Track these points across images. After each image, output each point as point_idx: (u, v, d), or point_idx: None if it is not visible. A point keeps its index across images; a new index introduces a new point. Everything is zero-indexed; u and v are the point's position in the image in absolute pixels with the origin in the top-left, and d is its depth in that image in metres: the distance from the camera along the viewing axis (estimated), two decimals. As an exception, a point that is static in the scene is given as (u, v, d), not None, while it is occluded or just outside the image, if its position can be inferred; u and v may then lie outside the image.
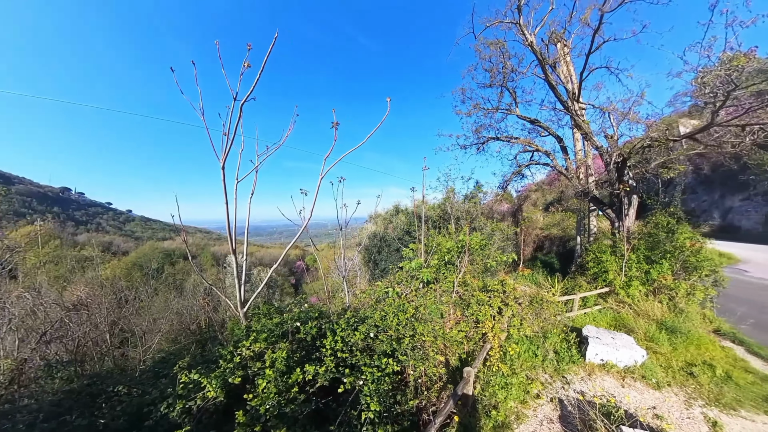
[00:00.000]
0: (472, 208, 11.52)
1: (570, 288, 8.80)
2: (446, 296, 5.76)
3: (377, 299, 5.42)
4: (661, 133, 8.30)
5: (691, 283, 7.71)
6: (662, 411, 4.59)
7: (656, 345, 6.23)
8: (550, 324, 6.24)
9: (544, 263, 14.53)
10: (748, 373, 5.52)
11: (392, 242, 11.01)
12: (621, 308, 7.63)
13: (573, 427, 4.17)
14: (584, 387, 5.10)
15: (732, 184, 20.46)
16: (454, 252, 6.60)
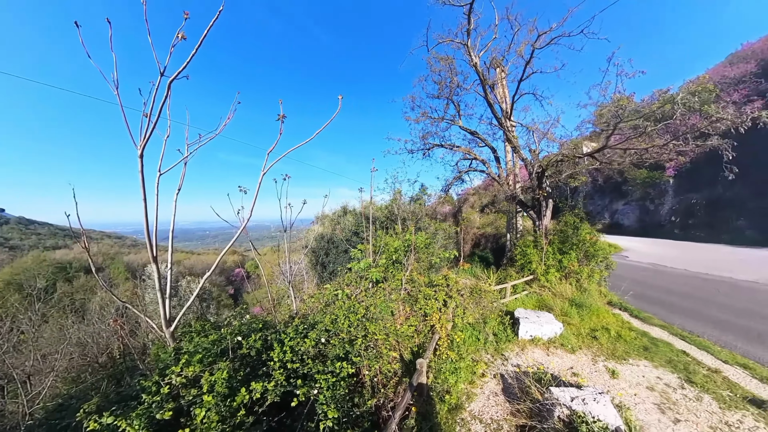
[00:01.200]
0: (417, 209, 12.01)
1: (503, 278, 9.81)
2: (395, 294, 5.84)
3: (327, 303, 5.21)
4: (570, 151, 10.07)
5: (590, 267, 9.33)
6: (577, 369, 5.46)
7: (569, 318, 7.34)
8: (488, 310, 6.81)
9: (481, 258, 15.96)
10: (632, 331, 6.94)
11: (340, 243, 10.71)
12: (542, 291, 8.78)
13: (514, 396, 4.64)
14: (519, 360, 5.74)
15: (617, 193, 26.75)
16: (401, 251, 6.75)
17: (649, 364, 5.69)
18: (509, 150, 13.52)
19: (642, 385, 5.05)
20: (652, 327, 7.30)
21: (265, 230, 13.53)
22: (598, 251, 9.63)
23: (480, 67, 11.78)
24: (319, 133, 3.70)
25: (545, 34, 10.33)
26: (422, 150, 14.22)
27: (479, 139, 13.66)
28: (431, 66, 12.69)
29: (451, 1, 11.02)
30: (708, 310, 8.18)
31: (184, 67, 2.89)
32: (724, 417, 4.26)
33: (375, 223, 10.47)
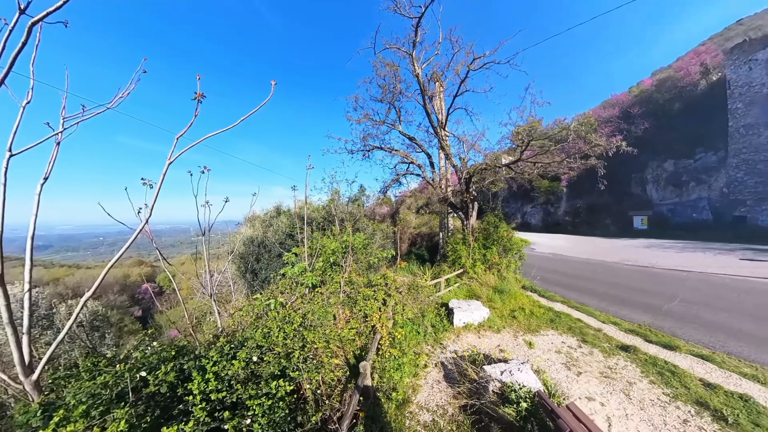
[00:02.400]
0: (356, 210, 11.86)
1: (437, 273, 10.43)
2: (334, 297, 5.59)
3: (258, 315, 4.65)
4: (492, 162, 11.64)
5: (508, 259, 10.68)
6: (503, 345, 6.15)
7: (494, 303, 8.18)
8: (426, 304, 7.10)
9: (417, 256, 16.73)
10: (541, 308, 8.09)
11: (273, 247, 9.79)
12: (471, 283, 9.61)
13: (454, 380, 4.91)
14: (456, 347, 6.13)
15: (527, 198, 32.75)
16: (339, 253, 6.53)
17: (555, 332, 6.76)
18: (443, 157, 14.58)
19: (552, 350, 5.97)
20: (555, 303, 8.67)
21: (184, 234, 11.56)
22: (514, 245, 11.12)
23: (422, 78, 12.47)
24: (248, 122, 3.25)
25: (479, 58, 11.60)
26: (362, 151, 14.23)
27: (417, 144, 14.34)
28: (377, 69, 12.83)
29: (401, 11, 11.41)
30: (591, 286, 10.25)
31: (61, 5, 2.11)
32: (607, 362, 5.48)
33: (311, 224, 9.95)
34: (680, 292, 9.22)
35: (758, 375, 4.95)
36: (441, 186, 13.66)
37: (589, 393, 4.65)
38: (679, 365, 5.33)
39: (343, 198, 11.70)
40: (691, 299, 8.64)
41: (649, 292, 9.32)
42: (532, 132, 9.71)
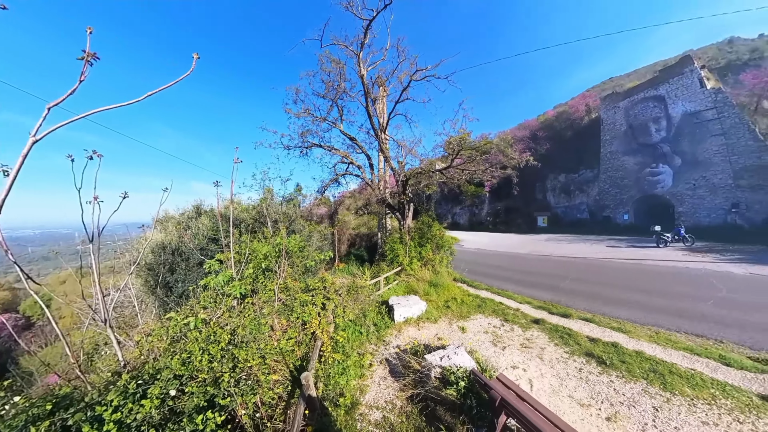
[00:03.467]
0: (291, 210, 11.10)
1: (377, 272, 10.53)
2: (268, 307, 5.12)
3: (174, 338, 3.91)
4: (427, 167, 12.35)
5: (441, 255, 11.49)
6: (441, 334, 6.55)
7: (430, 296, 8.65)
8: (366, 304, 7.07)
9: (357, 256, 16.64)
10: (470, 297, 8.89)
11: (192, 254, 8.34)
12: (409, 279, 9.99)
13: (399, 374, 4.99)
14: (399, 341, 6.25)
15: (456, 200, 36.58)
16: (272, 257, 6.02)
17: (483, 316, 7.53)
18: (382, 159, 14.82)
19: (481, 331, 6.64)
20: (481, 291, 9.67)
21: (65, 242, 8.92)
22: (445, 243, 12.06)
23: (366, 80, 12.44)
24: (164, 102, 2.65)
25: (422, 71, 12.26)
26: (300, 147, 13.41)
27: (357, 145, 14.21)
28: (322, 64, 12.24)
29: (354, 11, 11.14)
30: (508, 274, 11.81)
31: None
32: (525, 335, 6.44)
33: (239, 226, 8.91)
34: (570, 273, 11.38)
35: (621, 327, 6.58)
36: (380, 187, 13.88)
37: (514, 362, 5.36)
38: (572, 328, 6.60)
39: (277, 197, 10.82)
40: (578, 278, 10.77)
41: (550, 275, 11.26)
42: (463, 143, 10.83)
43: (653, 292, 8.90)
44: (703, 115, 17.12)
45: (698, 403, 4.15)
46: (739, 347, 5.58)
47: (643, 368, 4.99)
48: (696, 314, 7.12)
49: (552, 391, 4.60)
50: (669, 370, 4.88)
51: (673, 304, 7.81)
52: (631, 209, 21.47)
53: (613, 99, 22.54)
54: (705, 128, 17.07)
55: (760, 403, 4.04)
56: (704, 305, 7.61)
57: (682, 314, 7.18)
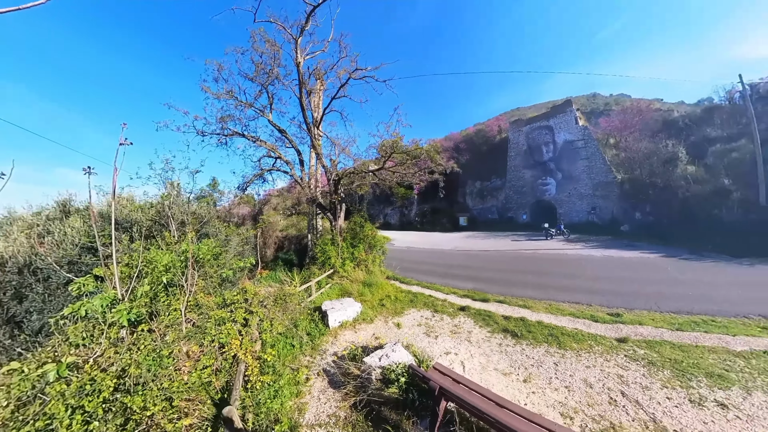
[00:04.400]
0: (203, 209, 9.35)
1: (307, 277, 9.84)
2: (173, 333, 4.16)
3: (22, 400, 2.71)
4: (360, 167, 12.09)
5: (373, 254, 11.52)
6: (378, 333, 6.47)
7: (364, 297, 8.52)
8: (297, 313, 6.47)
9: (285, 261, 15.32)
10: (403, 293, 9.11)
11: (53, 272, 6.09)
12: (342, 281, 9.65)
13: (340, 383, 4.66)
14: (335, 348, 5.88)
15: (388, 201, 38.01)
16: (177, 268, 4.96)
17: (415, 310, 7.78)
18: (314, 156, 13.87)
19: (415, 325, 6.85)
20: (412, 286, 10.03)
21: None
22: (377, 242, 12.14)
23: (302, 69, 11.39)
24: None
25: (361, 70, 11.88)
26: (218, 135, 11.51)
27: (287, 139, 12.95)
28: (254, 42, 10.65)
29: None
30: (435, 268, 12.65)
31: None
32: (453, 322, 6.93)
33: (131, 229, 7.05)
34: (487, 264, 12.92)
35: (526, 304, 7.81)
36: (310, 186, 13.05)
37: (446, 349, 5.72)
38: (491, 311, 7.46)
39: (184, 193, 8.95)
40: (492, 267, 12.30)
41: (471, 267, 12.54)
42: (396, 146, 11.04)
43: (546, 273, 10.92)
44: (576, 144, 23.07)
45: (582, 353, 5.41)
46: (601, 308, 7.47)
47: (543, 334, 6.14)
48: (574, 287, 9.07)
49: (481, 367, 5.12)
50: (561, 333, 6.12)
51: (559, 282, 9.75)
52: (528, 211, 26.58)
53: (518, 124, 27.86)
54: (576, 153, 22.93)
55: (617, 345, 5.63)
56: (578, 280, 9.81)
57: (565, 289, 9.00)
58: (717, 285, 8.71)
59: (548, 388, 4.54)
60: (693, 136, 19.15)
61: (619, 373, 4.84)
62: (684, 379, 4.66)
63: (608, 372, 4.87)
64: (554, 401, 4.28)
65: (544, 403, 4.25)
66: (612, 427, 3.82)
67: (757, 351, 5.31)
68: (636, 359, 5.18)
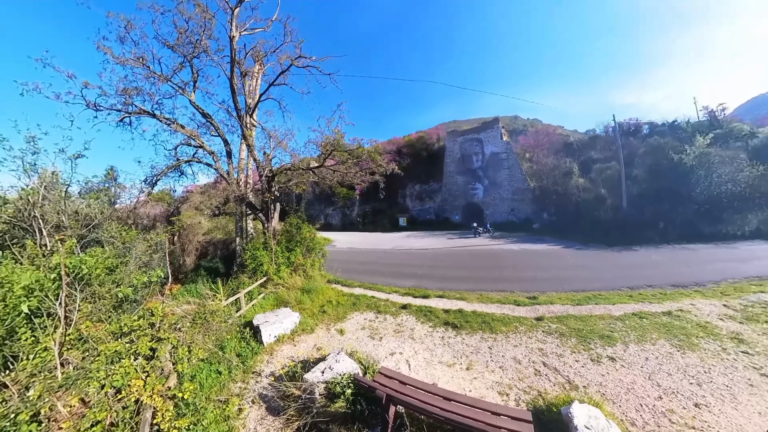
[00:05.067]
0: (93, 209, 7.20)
1: (235, 287, 8.69)
2: (40, 384, 3.09)
3: None
4: (298, 163, 11.21)
5: (312, 258, 10.86)
6: (320, 343, 6.08)
7: (303, 304, 7.93)
8: (223, 332, 5.60)
9: (209, 270, 13.30)
10: (344, 296, 8.81)
11: None
12: (278, 289, 8.82)
13: (279, 408, 4.16)
14: (272, 367, 5.25)
15: (329, 201, 36.81)
16: (48, 290, 3.76)
17: (358, 313, 7.58)
18: (244, 148, 12.17)
19: (358, 329, 6.66)
20: (354, 288, 9.77)
21: None
22: (316, 245, 11.50)
23: (237, 46, 9.84)
24: None
25: (305, 58, 10.84)
26: (120, 111, 9.09)
27: (213, 125, 11.02)
28: (180, 3, 8.72)
29: None
30: (377, 268, 12.65)
31: None
32: (396, 321, 7.00)
33: None
34: (426, 261, 13.49)
35: (462, 296, 8.38)
36: (239, 182, 11.50)
37: (391, 349, 5.71)
38: (431, 306, 7.76)
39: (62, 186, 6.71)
40: (430, 264, 12.91)
41: (411, 265, 12.90)
42: (337, 144, 10.50)
43: (477, 267, 11.95)
44: (500, 156, 26.98)
45: (510, 334, 6.13)
46: (521, 293, 8.52)
47: (478, 322, 6.66)
48: (500, 277, 10.19)
49: (426, 363, 5.25)
50: (492, 319, 6.80)
51: (488, 274, 10.80)
52: (460, 212, 29.40)
53: (454, 135, 31.06)
54: (500, 163, 26.88)
55: (536, 323, 6.53)
56: (503, 271, 11.06)
57: (493, 279, 10.03)
58: (600, 268, 10.92)
59: (486, 371, 4.97)
60: (582, 156, 24.46)
61: (540, 347, 5.63)
62: (585, 343, 5.73)
63: (531, 347, 5.61)
64: (492, 382, 4.72)
65: (484, 386, 4.63)
66: (539, 394, 4.37)
67: (628, 314, 6.87)
68: (551, 333, 6.12)
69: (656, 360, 5.13)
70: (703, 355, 5.23)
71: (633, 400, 4.24)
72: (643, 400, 4.21)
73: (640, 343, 5.68)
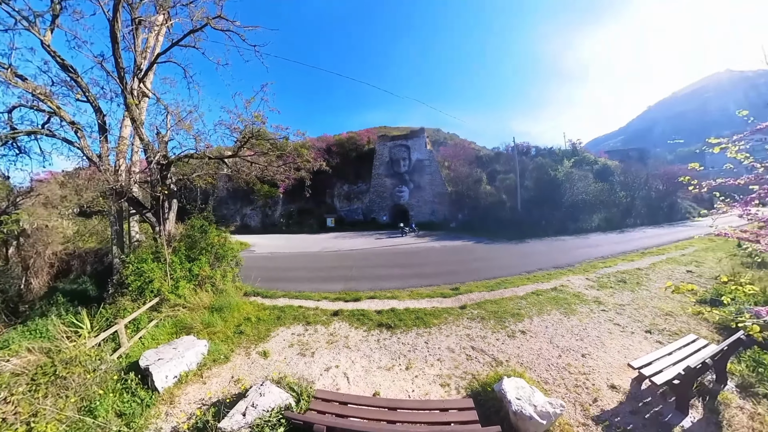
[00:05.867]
0: None
1: (112, 316, 6.55)
2: None
3: None
4: (205, 151, 9.05)
5: (223, 268, 9.10)
6: (238, 374, 5.07)
7: (214, 327, 6.54)
8: (93, 386, 4.04)
9: (73, 294, 9.64)
10: (266, 310, 7.74)
11: None
12: (177, 312, 7.07)
13: None
14: (174, 423, 3.96)
15: (246, 200, 32.49)
16: None
17: (284, 328, 6.72)
18: (128, 124, 9.07)
19: (286, 346, 5.89)
20: (278, 299, 8.66)
21: None
22: (228, 251, 9.68)
23: None
24: None
25: (227, 21, 8.74)
26: None
27: (80, 86, 7.79)
28: None
29: None
30: (304, 273, 11.67)
31: None
32: (329, 331, 6.47)
33: None
34: (356, 262, 13.19)
35: (393, 295, 8.46)
36: (118, 169, 8.45)
37: (326, 364, 5.23)
38: (364, 308, 7.54)
39: None
40: (361, 265, 12.73)
41: (341, 267, 12.43)
42: (257, 131, 8.90)
43: (405, 265, 12.40)
44: (424, 162, 29.47)
45: (441, 326, 6.44)
46: (446, 285, 9.14)
47: (412, 319, 6.78)
48: (426, 273, 10.82)
49: (365, 372, 4.97)
50: (424, 314, 7.02)
51: (416, 270, 11.30)
52: (387, 212, 30.52)
53: (384, 139, 32.34)
54: (424, 169, 29.35)
55: (461, 311, 7.09)
56: (428, 267, 11.86)
57: (421, 275, 10.52)
58: (505, 257, 12.90)
59: (426, 366, 5.01)
60: (489, 168, 29.52)
61: (467, 332, 6.09)
62: (501, 322, 6.49)
63: (460, 334, 6.01)
64: (433, 376, 4.79)
65: (427, 382, 4.66)
66: (474, 377, 4.67)
67: (529, 293, 8.19)
68: (474, 318, 6.71)
69: (553, 326, 6.30)
70: (580, 316, 6.77)
71: (542, 363, 5.05)
72: (549, 361, 5.07)
73: (540, 315, 6.86)
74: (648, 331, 6.04)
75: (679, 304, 7.17)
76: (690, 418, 3.77)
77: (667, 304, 7.26)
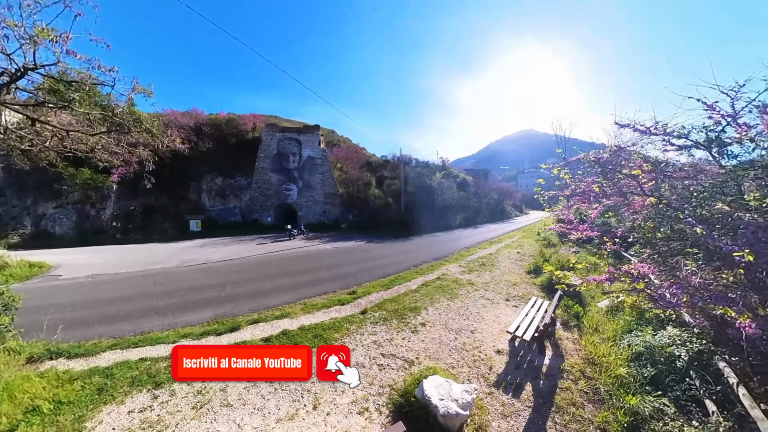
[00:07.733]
0: None
1: None
2: None
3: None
4: None
5: None
6: None
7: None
8: None
9: None
10: (75, 382, 4.62)
11: None
12: None
13: None
14: None
15: (47, 191, 19.67)
16: None
17: (112, 406, 4.07)
18: None
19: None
20: (100, 354, 5.51)
21: None
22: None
23: None
24: None
25: None
26: None
27: None
28: None
29: None
30: (149, 303, 8.07)
31: None
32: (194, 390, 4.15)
33: None
34: (230, 277, 10.47)
35: (283, 313, 6.99)
36: None
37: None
38: (245, 339, 5.69)
39: None
40: (239, 279, 10.16)
41: (210, 286, 9.44)
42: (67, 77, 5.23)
43: (295, 272, 10.87)
44: (316, 160, 27.95)
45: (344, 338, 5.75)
46: (341, 290, 8.47)
47: (309, 339, 5.65)
48: (319, 279, 9.82)
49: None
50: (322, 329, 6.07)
51: (308, 278, 10.07)
52: (272, 213, 26.90)
53: (274, 129, 28.02)
54: (316, 168, 27.80)
55: (362, 317, 6.59)
56: (321, 271, 10.95)
57: (314, 282, 9.39)
58: (394, 254, 13.28)
59: (337, 396, 4.10)
60: (378, 173, 31.53)
61: (373, 339, 5.62)
62: (403, 319, 6.40)
63: (367, 344, 5.47)
64: (348, 405, 3.95)
65: (343, 416, 3.76)
66: (392, 388, 4.24)
67: (420, 285, 8.61)
68: (377, 322, 6.31)
69: (444, 312, 6.68)
70: (462, 298, 7.55)
71: (445, 349, 5.18)
72: (449, 346, 5.28)
73: (432, 304, 7.18)
74: (507, 300, 7.56)
75: (519, 277, 9.59)
76: (548, 357, 5.09)
77: (512, 278, 9.51)
